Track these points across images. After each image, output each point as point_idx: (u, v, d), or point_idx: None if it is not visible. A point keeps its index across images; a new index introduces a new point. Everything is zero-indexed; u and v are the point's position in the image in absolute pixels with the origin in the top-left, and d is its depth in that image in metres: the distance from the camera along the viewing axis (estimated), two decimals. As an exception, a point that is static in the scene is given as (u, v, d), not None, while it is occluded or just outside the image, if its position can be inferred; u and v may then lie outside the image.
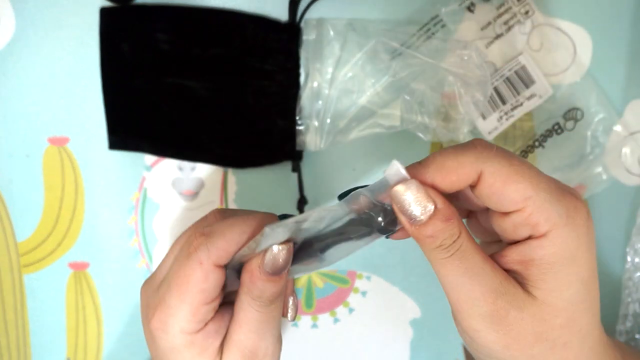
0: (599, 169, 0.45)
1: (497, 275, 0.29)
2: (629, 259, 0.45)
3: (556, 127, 0.44)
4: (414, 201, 0.28)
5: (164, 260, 0.35)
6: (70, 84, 0.45)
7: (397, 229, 0.30)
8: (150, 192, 0.46)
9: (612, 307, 0.46)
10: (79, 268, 0.47)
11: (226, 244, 0.31)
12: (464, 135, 0.43)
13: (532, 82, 0.43)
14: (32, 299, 0.47)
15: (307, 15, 0.43)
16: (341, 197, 0.31)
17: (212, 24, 0.43)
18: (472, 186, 0.29)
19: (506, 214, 0.29)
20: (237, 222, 0.32)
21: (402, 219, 0.29)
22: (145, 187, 0.46)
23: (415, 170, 0.29)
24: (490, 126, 0.44)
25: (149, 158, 0.46)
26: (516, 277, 0.30)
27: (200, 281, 0.31)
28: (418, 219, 0.28)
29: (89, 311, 0.47)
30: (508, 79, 0.43)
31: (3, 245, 0.46)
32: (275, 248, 0.31)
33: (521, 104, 0.44)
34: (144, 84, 0.43)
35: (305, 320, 0.47)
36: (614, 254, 0.46)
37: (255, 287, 0.31)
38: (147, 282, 0.35)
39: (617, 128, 0.44)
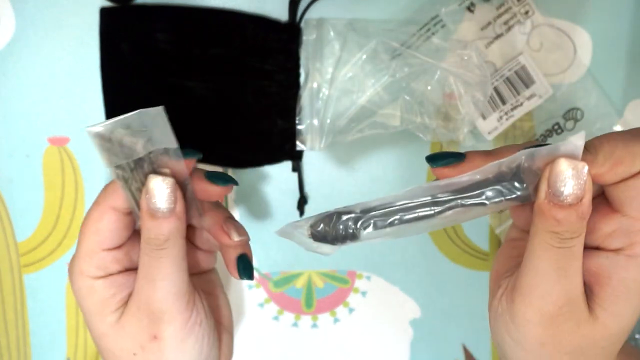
0: (599, 169, 0.45)
1: (578, 285, 0.28)
2: (628, 258, 0.45)
3: (556, 127, 0.45)
4: (571, 180, 0.26)
5: None
6: (70, 84, 0.45)
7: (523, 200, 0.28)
8: (150, 192, 0.46)
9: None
10: (79, 268, 0.47)
11: (117, 187, 0.31)
12: (464, 135, 0.43)
13: (532, 82, 0.43)
14: (32, 299, 0.47)
15: (307, 15, 0.43)
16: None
17: (212, 24, 0.43)
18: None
19: (616, 213, 0.28)
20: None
21: (544, 189, 0.27)
22: (145, 187, 0.46)
23: (587, 154, 0.27)
24: (490, 126, 0.44)
25: (149, 158, 0.46)
26: (585, 288, 0.29)
27: (95, 220, 0.31)
28: (560, 198, 0.26)
29: (89, 311, 0.47)
30: (508, 79, 0.43)
31: (3, 245, 0.46)
32: (154, 181, 0.30)
33: (521, 104, 0.44)
34: (144, 84, 0.43)
35: (305, 320, 0.47)
36: (613, 253, 0.46)
37: (142, 224, 0.31)
38: None
39: (617, 128, 0.44)
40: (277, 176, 0.46)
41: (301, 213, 0.45)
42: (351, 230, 0.30)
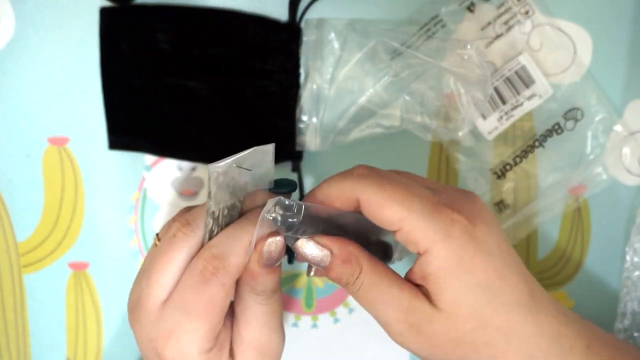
0: (599, 169, 0.45)
1: (404, 296, 0.31)
2: (628, 258, 0.45)
3: (556, 127, 0.45)
4: (313, 252, 0.32)
5: (145, 282, 0.33)
6: (70, 84, 0.45)
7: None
8: (150, 192, 0.46)
9: (610, 305, 0.46)
10: (79, 268, 0.47)
11: (239, 259, 0.32)
12: (464, 135, 0.43)
13: (532, 82, 0.43)
14: (32, 299, 0.47)
15: (307, 15, 0.43)
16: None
17: (212, 24, 0.43)
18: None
19: (394, 232, 0.32)
20: (238, 234, 0.33)
21: (309, 265, 0.33)
22: (145, 187, 0.46)
23: (309, 198, 0.33)
24: (491, 126, 0.44)
25: (149, 158, 0.46)
26: (424, 291, 0.32)
27: (224, 301, 0.32)
28: (321, 265, 0.32)
29: (89, 311, 0.47)
30: (508, 79, 0.43)
31: (3, 245, 0.46)
32: (270, 241, 0.32)
33: (521, 104, 0.44)
34: (144, 84, 0.43)
35: (305, 320, 0.47)
36: (613, 253, 0.46)
37: (257, 283, 0.33)
38: (141, 309, 0.33)
39: (617, 128, 0.44)
40: (277, 176, 0.46)
41: (301, 213, 0.45)
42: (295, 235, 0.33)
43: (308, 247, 0.32)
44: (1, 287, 0.47)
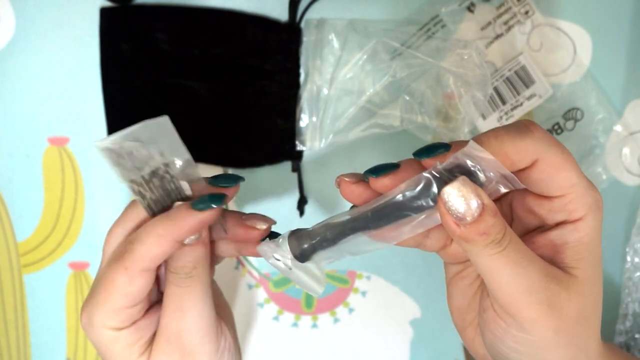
0: (599, 169, 0.45)
1: (543, 261, 0.29)
2: (628, 258, 0.45)
3: (556, 127, 0.45)
4: (459, 198, 0.27)
5: (102, 257, 0.34)
6: (70, 84, 0.45)
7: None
8: (150, 192, 0.46)
9: (611, 306, 0.46)
10: (79, 268, 0.47)
11: (147, 251, 0.30)
12: (464, 135, 0.43)
13: (532, 82, 0.43)
14: (32, 299, 0.47)
15: (307, 15, 0.43)
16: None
17: (212, 24, 0.43)
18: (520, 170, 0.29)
19: (547, 199, 0.30)
20: (155, 228, 0.31)
21: (447, 219, 0.27)
22: (145, 187, 0.46)
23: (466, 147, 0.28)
24: (491, 126, 0.44)
25: (149, 158, 0.46)
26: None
27: (125, 285, 0.31)
28: (468, 216, 0.27)
29: (89, 311, 0.47)
30: (508, 79, 0.43)
31: (3, 245, 0.46)
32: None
33: (521, 104, 0.44)
34: (144, 84, 0.43)
35: (305, 320, 0.47)
36: (613, 253, 0.46)
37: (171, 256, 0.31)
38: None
39: (617, 128, 0.44)
40: (277, 176, 0.46)
41: (301, 213, 0.45)
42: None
43: (462, 189, 0.27)
44: (1, 287, 0.47)
